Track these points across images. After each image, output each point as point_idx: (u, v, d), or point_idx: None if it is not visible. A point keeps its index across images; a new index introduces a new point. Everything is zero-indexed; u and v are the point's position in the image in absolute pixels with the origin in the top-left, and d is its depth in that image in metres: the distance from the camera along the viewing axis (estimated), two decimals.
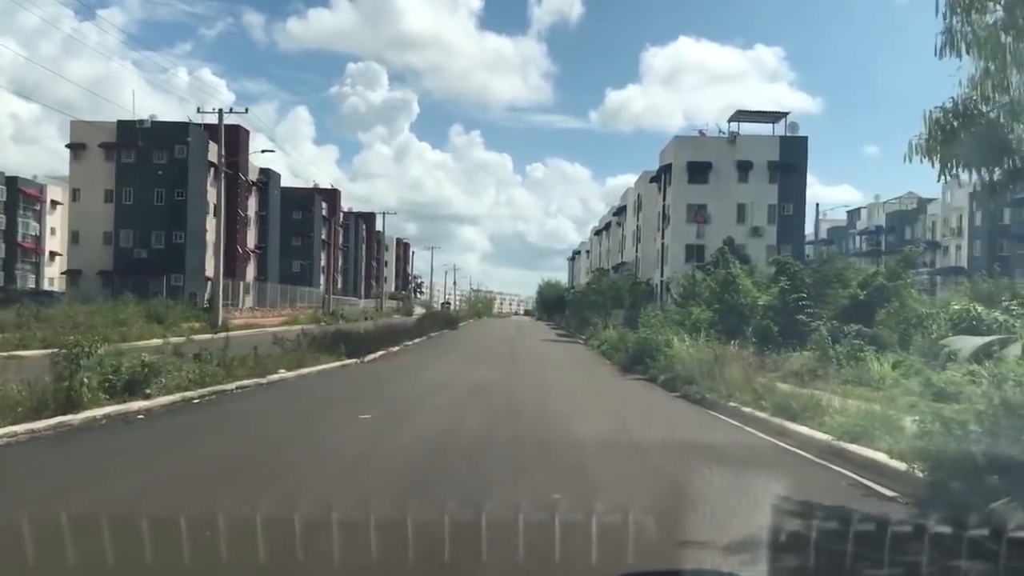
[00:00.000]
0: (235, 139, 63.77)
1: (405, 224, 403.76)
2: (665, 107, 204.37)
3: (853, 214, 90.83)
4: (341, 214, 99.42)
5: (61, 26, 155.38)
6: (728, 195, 52.58)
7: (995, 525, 4.86)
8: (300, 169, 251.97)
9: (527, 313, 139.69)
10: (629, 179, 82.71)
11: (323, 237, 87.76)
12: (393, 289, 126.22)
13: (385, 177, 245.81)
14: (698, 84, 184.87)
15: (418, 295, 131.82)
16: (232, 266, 62.93)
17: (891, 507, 6.35)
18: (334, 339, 21.13)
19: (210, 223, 59.22)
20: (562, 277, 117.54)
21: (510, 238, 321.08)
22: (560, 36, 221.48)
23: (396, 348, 26.44)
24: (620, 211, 78.06)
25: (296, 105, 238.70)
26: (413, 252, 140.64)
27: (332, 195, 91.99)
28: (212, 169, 61.05)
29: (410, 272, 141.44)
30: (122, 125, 54.93)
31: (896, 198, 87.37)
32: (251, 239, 68.34)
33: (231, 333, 34.87)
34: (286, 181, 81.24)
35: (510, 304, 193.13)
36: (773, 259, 25.52)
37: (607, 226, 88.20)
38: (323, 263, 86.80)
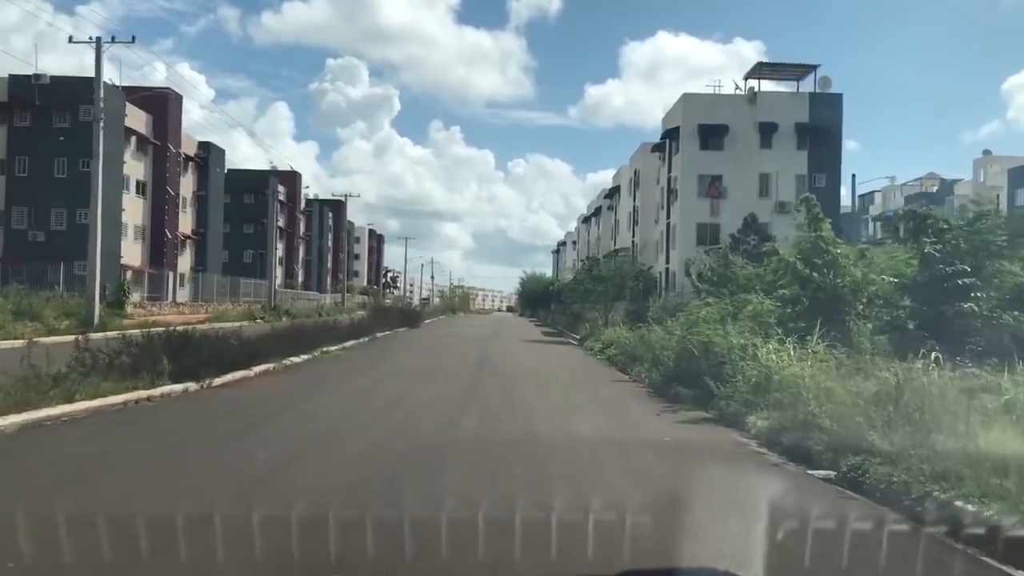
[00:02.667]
0: (163, 106, 54.37)
1: (387, 221, 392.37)
2: (645, 102, 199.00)
3: (866, 199, 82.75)
4: (303, 200, 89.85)
5: (38, 20, 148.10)
6: (748, 164, 43.53)
7: None
8: (279, 162, 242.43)
9: (510, 309, 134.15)
10: (610, 174, 74.08)
11: (281, 224, 78.10)
12: (366, 284, 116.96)
13: (365, 173, 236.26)
14: (677, 79, 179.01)
15: (392, 291, 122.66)
16: (160, 253, 53.63)
17: None
18: (158, 349, 11.97)
19: (127, 200, 49.95)
20: (546, 272, 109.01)
21: (492, 234, 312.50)
22: (539, 31, 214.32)
23: (302, 358, 17.34)
24: (612, 193, 68.85)
25: (275, 101, 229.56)
26: (385, 244, 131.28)
27: (291, 178, 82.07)
28: (135, 137, 51.69)
29: (384, 266, 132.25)
30: (15, 80, 45.29)
31: (916, 180, 79.27)
32: (187, 223, 58.75)
33: (110, 333, 25.62)
34: (253, 164, 71.81)
35: (493, 300, 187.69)
36: (908, 209, 16.64)
37: (596, 211, 79.05)
38: (281, 253, 77.10)
